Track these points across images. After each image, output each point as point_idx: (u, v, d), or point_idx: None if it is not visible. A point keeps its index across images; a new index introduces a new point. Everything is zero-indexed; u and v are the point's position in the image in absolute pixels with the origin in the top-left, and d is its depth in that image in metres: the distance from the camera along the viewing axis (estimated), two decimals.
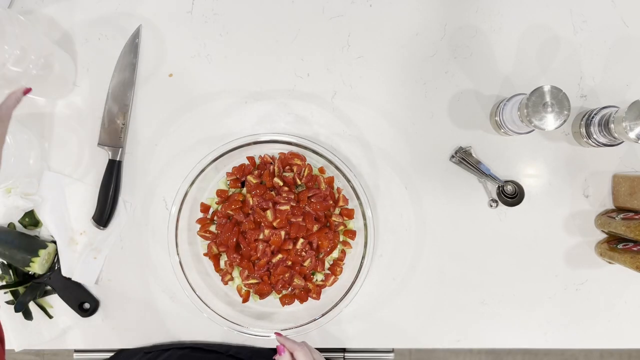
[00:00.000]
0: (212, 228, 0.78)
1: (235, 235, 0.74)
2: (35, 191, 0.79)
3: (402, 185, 0.79)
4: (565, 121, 0.64)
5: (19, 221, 0.81)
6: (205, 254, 0.79)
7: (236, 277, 0.77)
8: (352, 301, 0.74)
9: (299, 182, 0.76)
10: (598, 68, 0.78)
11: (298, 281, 0.75)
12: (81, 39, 0.80)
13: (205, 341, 0.81)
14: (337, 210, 0.78)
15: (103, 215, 0.79)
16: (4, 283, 0.81)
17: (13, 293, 0.81)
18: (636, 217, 0.71)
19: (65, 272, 0.79)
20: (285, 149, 0.77)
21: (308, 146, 0.74)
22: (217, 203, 0.78)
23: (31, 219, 0.80)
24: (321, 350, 0.82)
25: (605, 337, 0.80)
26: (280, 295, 0.77)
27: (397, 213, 0.79)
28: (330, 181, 0.77)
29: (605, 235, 0.79)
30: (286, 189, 0.74)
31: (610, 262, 0.77)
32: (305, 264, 0.75)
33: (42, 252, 0.78)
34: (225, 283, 0.78)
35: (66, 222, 0.80)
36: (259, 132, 0.79)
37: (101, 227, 0.79)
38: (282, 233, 0.73)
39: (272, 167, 0.76)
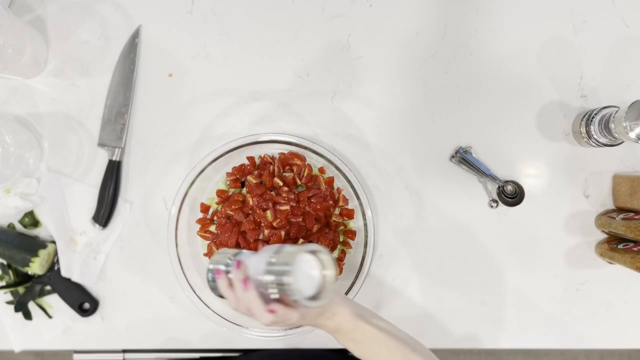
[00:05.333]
0: (212, 228, 0.78)
1: (235, 236, 0.74)
2: (34, 191, 0.79)
3: (402, 185, 0.79)
4: None
5: (18, 221, 0.81)
6: (205, 254, 0.79)
7: None
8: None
9: (299, 182, 0.76)
10: (598, 68, 0.78)
11: None
12: (81, 39, 0.80)
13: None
14: (337, 210, 0.78)
15: (103, 215, 0.79)
16: (4, 283, 0.81)
17: (13, 293, 0.81)
18: (636, 217, 0.71)
19: (65, 273, 0.79)
20: (285, 149, 0.77)
21: (308, 146, 0.74)
22: (217, 203, 0.78)
23: (31, 219, 0.80)
24: (322, 350, 0.82)
25: (605, 337, 0.80)
26: None
27: (397, 213, 0.79)
28: (330, 181, 0.77)
29: (605, 236, 0.79)
30: (286, 189, 0.74)
31: (610, 262, 0.77)
32: None
33: (41, 252, 0.78)
34: None
35: (66, 222, 0.80)
36: (259, 132, 0.79)
37: (101, 227, 0.79)
38: (282, 233, 0.73)
39: (272, 167, 0.76)
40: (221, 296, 0.59)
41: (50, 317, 0.81)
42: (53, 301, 0.81)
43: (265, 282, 0.52)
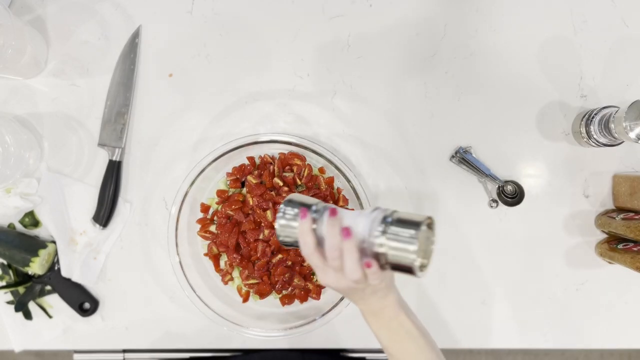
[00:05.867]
0: (212, 228, 0.78)
1: (235, 236, 0.74)
2: (34, 191, 0.79)
3: (402, 185, 0.79)
4: None
5: (18, 221, 0.81)
6: (205, 254, 0.79)
7: (236, 277, 0.77)
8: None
9: (299, 182, 0.76)
10: (598, 68, 0.78)
11: (298, 281, 0.75)
12: (81, 39, 0.80)
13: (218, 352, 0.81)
14: None
15: (103, 215, 0.79)
16: (4, 283, 0.81)
17: (13, 293, 0.81)
18: (636, 217, 0.71)
19: (65, 273, 0.79)
20: (285, 149, 0.77)
21: (308, 146, 0.74)
22: (217, 203, 0.78)
23: (31, 219, 0.80)
24: (321, 350, 0.82)
25: (605, 337, 0.80)
26: (280, 296, 0.77)
27: None
28: (330, 181, 0.77)
29: (605, 235, 0.79)
30: (286, 189, 0.74)
31: (610, 262, 0.77)
32: (305, 264, 0.75)
33: (42, 252, 0.78)
34: (225, 283, 0.78)
35: (66, 222, 0.80)
36: (259, 132, 0.79)
37: (101, 227, 0.79)
38: None
39: (272, 167, 0.76)
40: (288, 242, 0.56)
41: (50, 317, 0.81)
42: (53, 301, 0.81)
43: (375, 240, 0.51)
